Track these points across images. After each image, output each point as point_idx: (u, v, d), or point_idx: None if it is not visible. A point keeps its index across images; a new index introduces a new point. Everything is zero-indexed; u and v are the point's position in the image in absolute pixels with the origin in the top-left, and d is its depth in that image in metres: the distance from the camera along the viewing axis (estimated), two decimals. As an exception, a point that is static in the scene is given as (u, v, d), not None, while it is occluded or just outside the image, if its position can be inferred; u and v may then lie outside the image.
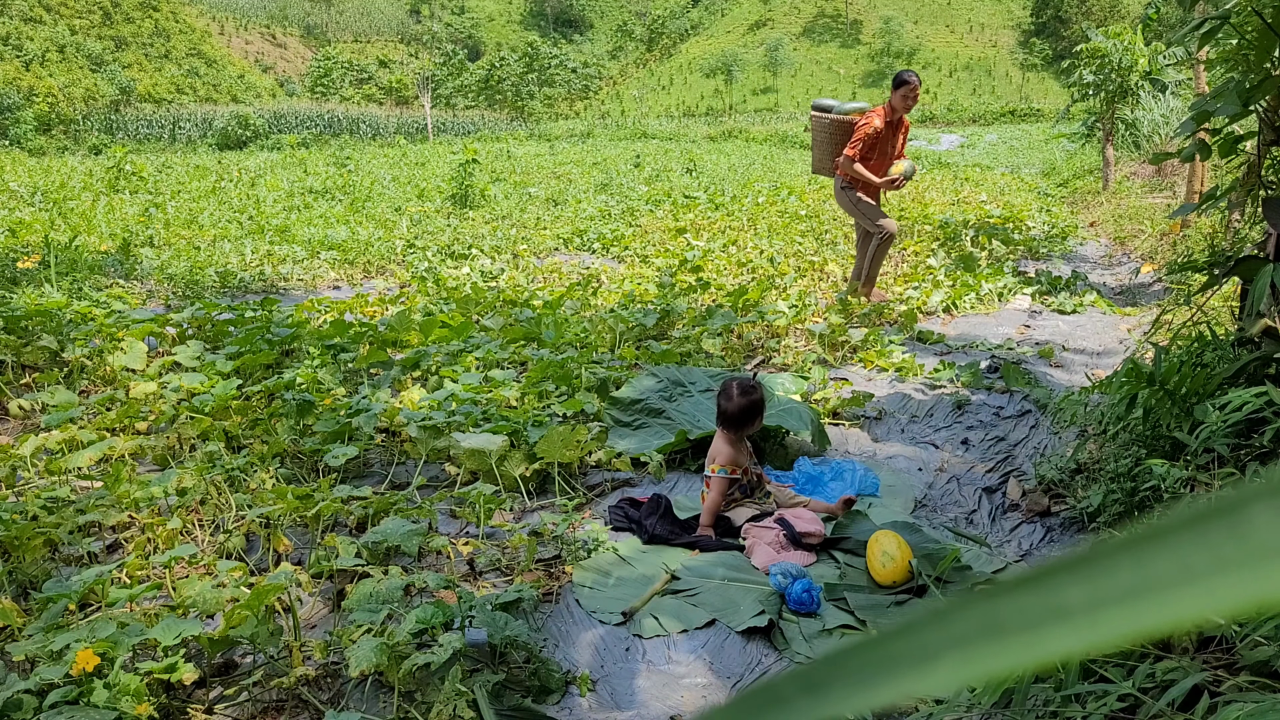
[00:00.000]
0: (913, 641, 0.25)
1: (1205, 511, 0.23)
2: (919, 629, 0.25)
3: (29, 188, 13.75)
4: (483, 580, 2.95)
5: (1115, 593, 0.23)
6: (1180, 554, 0.23)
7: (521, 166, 20.83)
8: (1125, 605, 0.23)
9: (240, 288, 7.65)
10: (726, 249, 8.97)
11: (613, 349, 5.55)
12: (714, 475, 3.36)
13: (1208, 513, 0.23)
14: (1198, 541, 0.23)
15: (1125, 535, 0.24)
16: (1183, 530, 0.23)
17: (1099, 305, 6.78)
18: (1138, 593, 0.23)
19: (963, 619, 0.24)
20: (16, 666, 2.31)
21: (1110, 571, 0.23)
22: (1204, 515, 0.23)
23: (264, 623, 2.31)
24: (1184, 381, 2.90)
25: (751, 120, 56.87)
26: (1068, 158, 19.06)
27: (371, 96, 65.15)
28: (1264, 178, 3.18)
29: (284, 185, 15.58)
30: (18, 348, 4.76)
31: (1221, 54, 3.57)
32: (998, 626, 0.24)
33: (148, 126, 44.96)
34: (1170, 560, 0.23)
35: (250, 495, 3.32)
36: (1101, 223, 11.14)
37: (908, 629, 0.25)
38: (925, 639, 0.25)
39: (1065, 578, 0.24)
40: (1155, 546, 0.23)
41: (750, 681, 2.43)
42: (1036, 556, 3.08)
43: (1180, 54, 12.08)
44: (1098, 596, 0.23)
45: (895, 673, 0.25)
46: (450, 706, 2.11)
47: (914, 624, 0.25)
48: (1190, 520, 0.23)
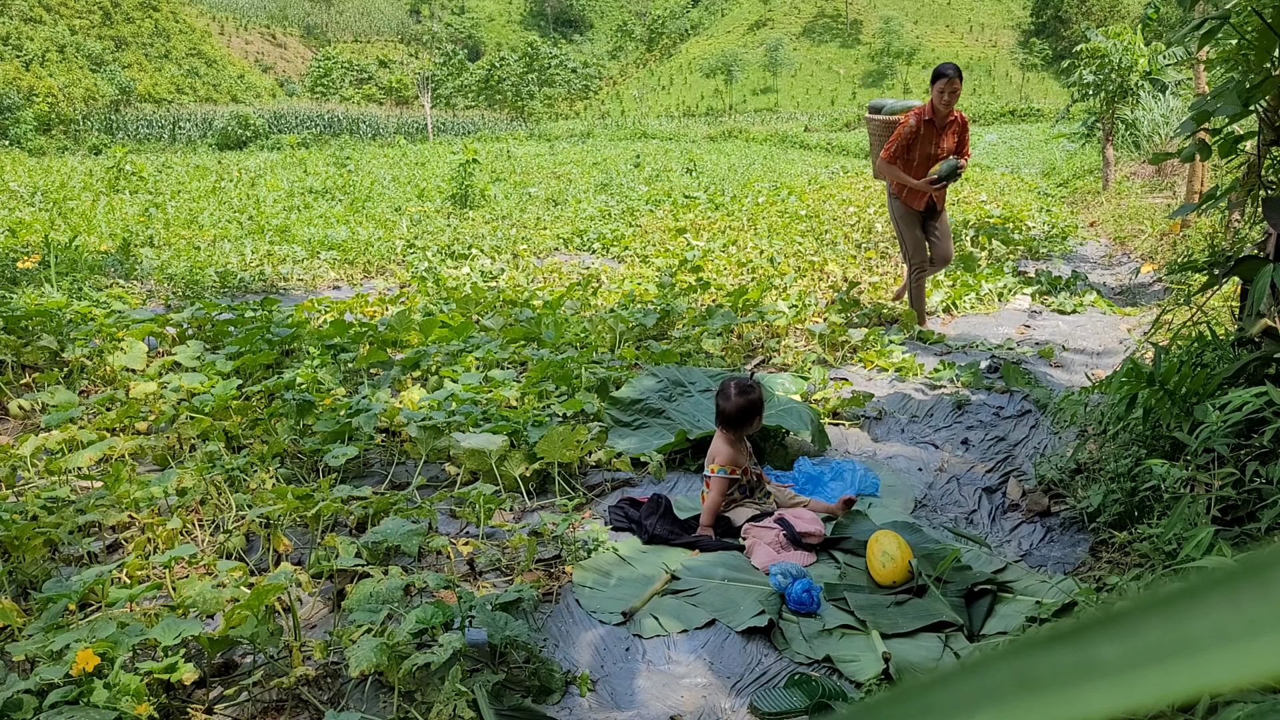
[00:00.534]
0: (947, 694, 0.25)
1: (1236, 571, 0.23)
2: (953, 681, 0.25)
3: (29, 188, 13.75)
4: (483, 580, 2.95)
5: (1149, 652, 0.23)
6: (1213, 615, 0.23)
7: (521, 166, 20.83)
8: (1159, 665, 0.23)
9: (240, 288, 7.65)
10: (726, 249, 8.97)
11: (613, 349, 5.55)
12: (714, 475, 3.36)
13: (1238, 572, 0.23)
14: (1229, 603, 0.23)
15: (1158, 592, 0.24)
16: (1214, 590, 0.23)
17: (1099, 305, 6.78)
18: (1171, 653, 0.23)
19: (997, 672, 0.24)
20: (16, 666, 2.31)
21: (1143, 630, 0.23)
22: (1235, 575, 0.23)
23: (264, 623, 2.31)
24: (1184, 381, 2.90)
25: (751, 120, 56.88)
26: (1068, 158, 19.06)
27: (371, 96, 65.15)
28: (1264, 178, 3.18)
29: (284, 185, 15.57)
30: (18, 348, 4.76)
31: (1221, 54, 3.57)
32: (1031, 681, 0.24)
33: (148, 126, 44.97)
34: (1203, 621, 0.23)
35: (250, 495, 3.32)
36: (1101, 223, 11.14)
37: (942, 681, 0.25)
38: (959, 691, 0.25)
39: (1099, 634, 0.24)
40: (1188, 606, 0.23)
41: (750, 682, 2.44)
42: (1036, 556, 3.08)
43: (1180, 54, 12.08)
44: (1131, 655, 0.23)
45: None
46: (450, 706, 2.11)
47: (948, 676, 0.25)
48: (1222, 580, 0.23)
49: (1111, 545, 2.91)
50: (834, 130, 44.78)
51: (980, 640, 2.55)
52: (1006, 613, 2.67)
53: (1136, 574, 2.35)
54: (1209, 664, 0.22)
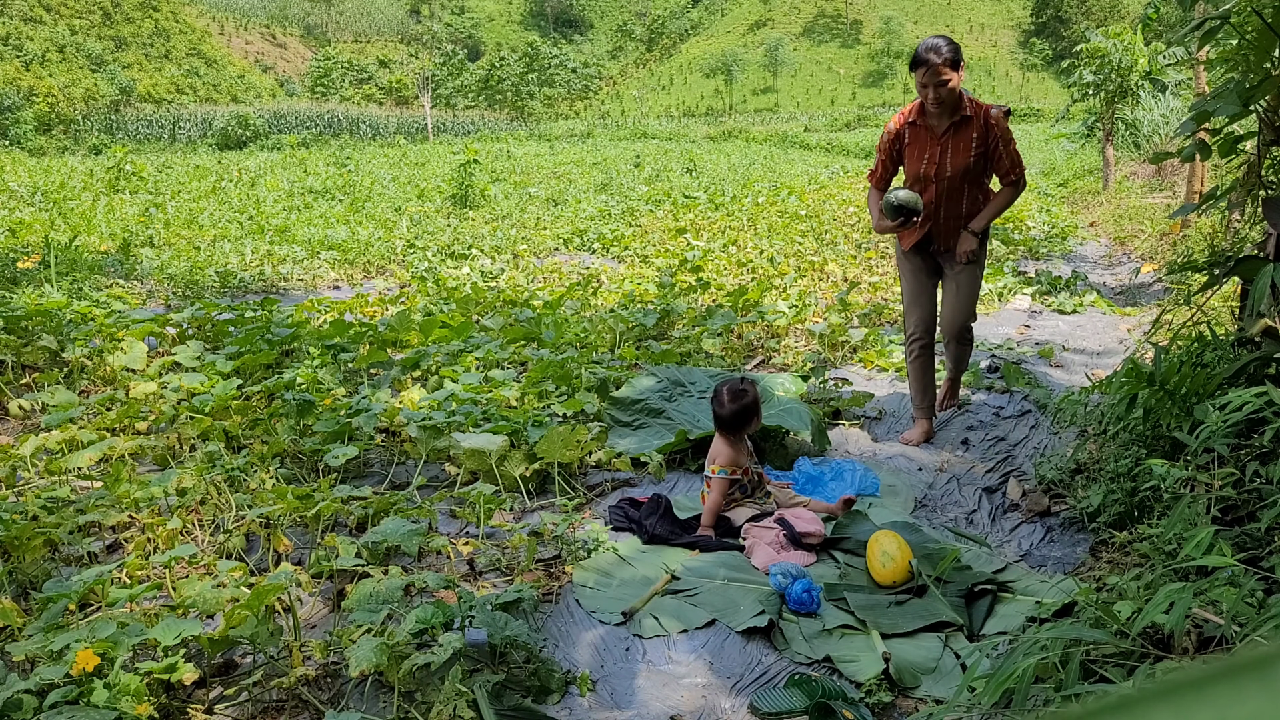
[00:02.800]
0: None
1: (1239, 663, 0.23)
2: None
3: (29, 188, 13.75)
4: (483, 580, 2.95)
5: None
6: (1218, 707, 0.23)
7: (521, 166, 20.83)
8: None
9: (240, 288, 7.65)
10: (726, 249, 8.97)
11: (613, 349, 5.55)
12: (714, 476, 3.36)
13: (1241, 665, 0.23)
14: (1233, 696, 0.23)
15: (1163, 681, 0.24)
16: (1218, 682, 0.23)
17: (1099, 305, 6.78)
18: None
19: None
20: (16, 666, 2.31)
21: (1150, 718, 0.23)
22: (1238, 667, 0.23)
23: (264, 623, 2.31)
24: (1184, 381, 2.90)
25: (751, 120, 56.89)
26: (1068, 158, 19.06)
27: (371, 96, 65.15)
28: (1264, 178, 3.18)
29: (284, 185, 15.58)
30: (18, 348, 4.76)
31: (1221, 54, 3.57)
32: None
33: (148, 126, 44.96)
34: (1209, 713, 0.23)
35: (250, 495, 3.32)
36: (1101, 223, 11.15)
37: None
38: None
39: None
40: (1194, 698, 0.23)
41: (750, 682, 2.43)
42: (1036, 556, 3.08)
43: (1180, 54, 12.08)
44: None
45: None
46: (450, 706, 2.11)
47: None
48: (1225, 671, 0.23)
49: (1111, 545, 2.91)
50: (834, 130, 44.81)
51: (980, 640, 2.55)
52: (1006, 613, 2.67)
53: (1136, 574, 2.35)
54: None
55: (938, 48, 3.74)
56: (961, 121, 3.85)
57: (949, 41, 3.78)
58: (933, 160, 3.89)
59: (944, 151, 3.87)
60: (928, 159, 3.90)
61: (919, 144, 3.93)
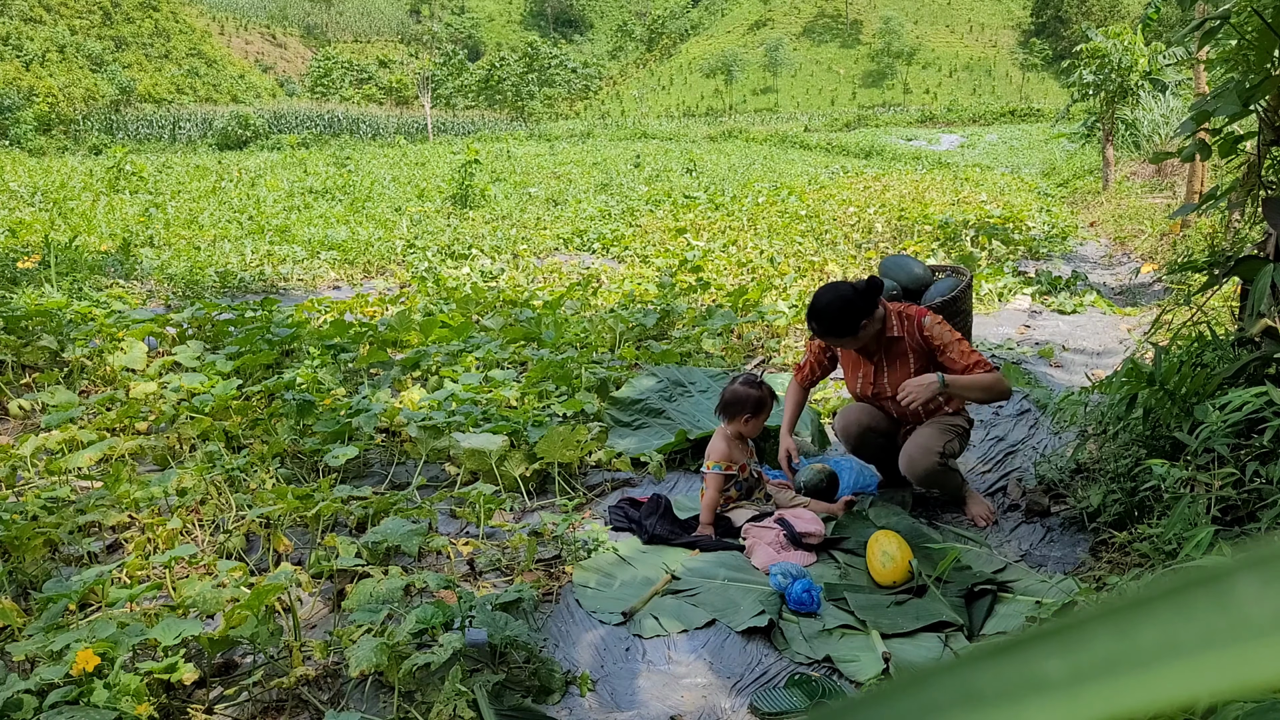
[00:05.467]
0: (888, 710, 0.24)
1: (1189, 580, 0.22)
2: (895, 696, 0.24)
3: (29, 188, 13.75)
4: (483, 580, 2.95)
5: (1096, 665, 0.22)
6: (1164, 625, 0.22)
7: (521, 166, 20.83)
8: (1107, 680, 0.22)
9: (240, 288, 7.65)
10: (726, 249, 8.97)
11: (613, 349, 5.55)
12: (709, 471, 3.36)
13: (1191, 582, 0.22)
14: (1181, 612, 0.22)
15: (1106, 602, 0.23)
16: (1166, 599, 0.22)
17: (1099, 305, 6.78)
18: (1120, 666, 0.22)
19: (939, 687, 0.23)
20: (16, 666, 2.31)
21: (1091, 642, 0.22)
22: (1187, 584, 0.22)
23: (264, 623, 2.31)
24: (1184, 381, 2.90)
25: (751, 120, 56.91)
26: (1068, 158, 19.07)
27: (371, 96, 65.14)
28: (1264, 178, 3.18)
29: (284, 185, 15.58)
30: (18, 348, 4.76)
31: (1221, 54, 3.57)
32: (975, 696, 0.23)
33: (148, 126, 44.94)
34: (1153, 632, 0.22)
35: (250, 495, 3.32)
36: (1101, 223, 11.15)
37: (883, 695, 0.24)
38: (901, 707, 0.24)
39: (1045, 647, 0.23)
40: (1138, 616, 0.22)
41: (750, 682, 2.43)
42: (1036, 556, 3.08)
43: (1180, 54, 12.08)
44: (1078, 669, 0.22)
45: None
46: (450, 706, 2.11)
47: (890, 691, 0.24)
48: (1174, 589, 0.22)
49: (1111, 545, 2.91)
50: (834, 130, 44.81)
51: (980, 640, 2.55)
52: (1006, 613, 2.67)
53: (1136, 574, 2.35)
54: (1159, 677, 0.21)
55: (814, 318, 3.23)
56: (891, 342, 3.31)
57: (835, 308, 3.18)
58: (868, 380, 3.41)
59: (879, 371, 3.37)
60: (863, 378, 3.42)
61: (851, 361, 3.47)
